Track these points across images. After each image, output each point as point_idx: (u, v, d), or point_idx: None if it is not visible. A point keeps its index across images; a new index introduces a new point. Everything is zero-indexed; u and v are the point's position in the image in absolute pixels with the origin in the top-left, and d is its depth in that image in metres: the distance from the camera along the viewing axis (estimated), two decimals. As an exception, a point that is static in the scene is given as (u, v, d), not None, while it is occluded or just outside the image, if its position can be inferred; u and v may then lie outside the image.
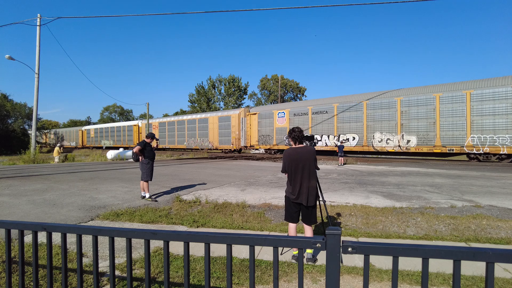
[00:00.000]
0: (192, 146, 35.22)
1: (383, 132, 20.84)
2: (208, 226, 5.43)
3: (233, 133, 30.38)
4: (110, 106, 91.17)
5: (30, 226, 1.88)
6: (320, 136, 23.94)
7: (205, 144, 33.57)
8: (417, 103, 19.35)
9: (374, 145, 21.23)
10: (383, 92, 20.94)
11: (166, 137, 39.04)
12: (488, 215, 5.71)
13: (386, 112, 20.64)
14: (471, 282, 3.19)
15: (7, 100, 41.25)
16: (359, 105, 21.97)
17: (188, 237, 1.57)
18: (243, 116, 29.94)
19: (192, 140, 35.41)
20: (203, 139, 34.01)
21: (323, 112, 24.01)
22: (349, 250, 1.29)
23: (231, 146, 30.56)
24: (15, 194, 7.95)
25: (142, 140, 7.65)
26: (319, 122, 24.23)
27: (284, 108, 26.92)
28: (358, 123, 22.06)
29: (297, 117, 25.69)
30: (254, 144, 28.93)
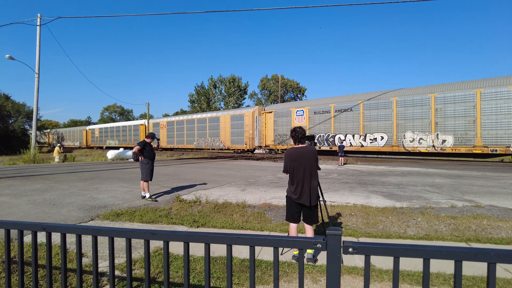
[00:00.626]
0: (202, 146, 33.90)
1: (415, 131, 19.42)
2: (208, 226, 5.42)
3: (246, 132, 28.95)
4: (111, 106, 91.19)
5: (30, 226, 1.88)
6: (344, 136, 22.45)
7: (216, 144, 32.18)
8: (454, 100, 17.97)
9: (405, 145, 19.81)
10: (415, 88, 19.73)
11: (175, 137, 37.71)
12: (489, 215, 5.70)
13: (419, 110, 19.21)
14: (471, 283, 3.18)
15: (8, 100, 41.25)
16: (387, 103, 20.56)
17: (188, 237, 1.56)
18: (258, 114, 28.52)
19: (202, 140, 34.09)
20: (214, 138, 32.63)
21: (347, 110, 22.47)
22: (349, 250, 1.29)
23: (244, 146, 29.25)
24: (15, 194, 7.95)
25: (142, 140, 7.66)
26: (343, 121, 22.73)
27: (303, 106, 25.34)
28: (387, 121, 20.58)
29: (318, 115, 24.20)
30: (269, 144, 27.55)
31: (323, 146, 23.60)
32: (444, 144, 18.47)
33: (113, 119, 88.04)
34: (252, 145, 28.55)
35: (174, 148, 37.84)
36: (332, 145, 23.18)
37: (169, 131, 38.51)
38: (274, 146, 27.13)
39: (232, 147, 30.61)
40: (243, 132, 29.44)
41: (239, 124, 29.95)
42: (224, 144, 31.30)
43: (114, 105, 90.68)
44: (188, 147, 36.01)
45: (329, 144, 23.31)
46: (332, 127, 23.30)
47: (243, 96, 55.83)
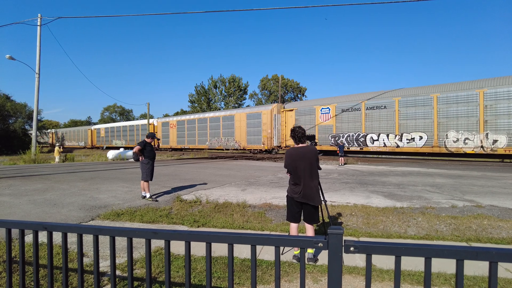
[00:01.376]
0: (216, 146, 32.11)
1: (459, 131, 17.76)
2: (209, 226, 5.42)
3: (264, 131, 27.20)
4: (111, 106, 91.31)
5: (31, 226, 1.88)
6: (377, 135, 20.70)
7: (231, 144, 30.46)
8: (509, 96, 16.18)
9: (448, 146, 18.15)
10: (460, 84, 18.14)
11: (186, 137, 35.94)
12: (489, 215, 5.70)
13: (464, 107, 17.56)
14: (472, 282, 3.18)
15: (8, 100, 41.26)
16: (427, 99, 18.81)
17: (190, 237, 1.56)
18: (276, 112, 26.75)
19: (215, 139, 32.25)
20: (228, 138, 30.83)
21: (381, 107, 20.58)
22: (351, 249, 1.29)
23: (261, 146, 27.55)
24: (15, 194, 7.95)
25: (142, 140, 7.67)
26: (376, 119, 20.79)
27: (329, 103, 23.40)
28: (426, 120, 18.86)
29: (346, 113, 22.35)
30: (290, 144, 24.98)
31: (352, 146, 22.03)
32: (495, 145, 16.77)
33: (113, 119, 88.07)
34: (271, 145, 26.84)
35: (185, 148, 36.33)
36: (363, 146, 21.45)
37: (180, 131, 36.84)
38: None
39: (248, 147, 28.87)
40: (260, 131, 27.63)
41: (256, 123, 28.12)
42: (240, 144, 29.52)
43: (114, 105, 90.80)
44: (200, 147, 34.39)
45: (359, 144, 21.65)
46: (363, 126, 21.41)
47: (243, 96, 55.86)
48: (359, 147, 21.76)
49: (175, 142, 37.34)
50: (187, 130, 35.91)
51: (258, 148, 28.04)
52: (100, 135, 51.38)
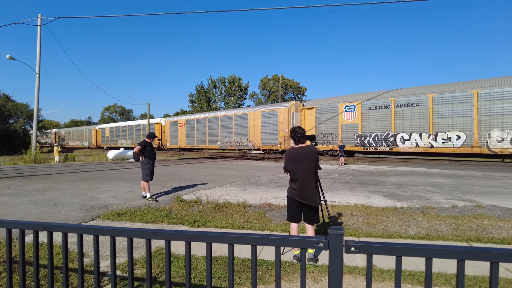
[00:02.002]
0: (228, 146, 30.74)
1: (504, 130, 16.31)
2: (209, 226, 5.42)
3: (280, 131, 25.64)
4: (111, 106, 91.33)
5: (31, 226, 1.88)
6: (409, 135, 19.32)
7: (244, 143, 29.01)
8: None
9: (490, 146, 16.77)
10: (504, 78, 16.77)
11: (195, 136, 34.40)
12: (490, 215, 5.69)
13: (511, 103, 16.15)
14: (473, 282, 3.18)
15: (9, 101, 41.28)
16: (466, 96, 17.50)
17: (190, 237, 1.56)
18: (294, 111, 25.13)
19: (227, 139, 30.80)
20: (241, 138, 29.30)
21: (412, 105, 19.17)
22: (352, 249, 1.28)
23: (277, 147, 26.13)
24: (16, 194, 7.96)
25: (142, 140, 7.66)
26: (407, 117, 19.35)
27: (354, 101, 21.86)
28: (465, 118, 17.54)
29: (374, 111, 20.85)
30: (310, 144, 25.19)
31: (380, 146, 20.57)
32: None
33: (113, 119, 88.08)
34: (288, 145, 25.33)
35: (195, 148, 35.01)
36: (392, 146, 20.00)
37: (189, 130, 35.28)
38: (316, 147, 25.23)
39: (263, 147, 27.43)
40: (276, 130, 26.08)
41: (271, 122, 26.62)
42: (254, 144, 28.02)
43: (115, 105, 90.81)
44: (211, 148, 33.08)
45: (388, 144, 20.20)
46: (393, 125, 19.91)
47: (244, 96, 55.89)
48: (388, 148, 20.30)
49: (184, 142, 35.98)
50: (197, 130, 34.45)
51: (274, 148, 26.45)
52: (105, 135, 50.14)
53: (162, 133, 39.12)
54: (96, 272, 1.79)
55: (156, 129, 39.47)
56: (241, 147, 29.42)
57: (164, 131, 38.98)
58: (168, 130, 38.12)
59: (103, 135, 50.46)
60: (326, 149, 23.71)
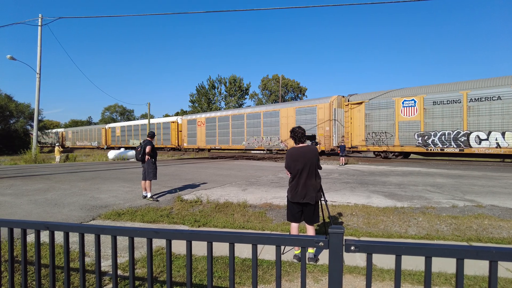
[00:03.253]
0: (255, 146, 27.70)
1: None
2: (210, 226, 5.43)
3: (320, 129, 22.88)
4: (111, 106, 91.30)
5: (33, 225, 1.89)
6: (486, 133, 16.36)
7: (275, 144, 26.16)
8: None
9: None
10: None
11: (217, 136, 31.40)
12: (490, 215, 5.69)
13: None
14: (473, 282, 3.19)
15: (10, 101, 41.33)
16: None
17: (191, 236, 1.57)
18: (337, 106, 22.44)
19: (254, 139, 27.82)
20: (271, 137, 26.50)
21: (492, 99, 16.15)
22: (352, 249, 1.29)
23: (323, 146, 23.24)
24: (16, 193, 7.97)
25: (148, 140, 7.56)
26: (484, 113, 16.43)
27: (414, 94, 18.90)
28: None
29: (439, 106, 17.88)
30: (358, 144, 21.04)
31: (448, 147, 17.75)
32: None
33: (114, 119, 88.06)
34: (329, 145, 22.50)
35: (216, 148, 32.28)
36: (464, 146, 17.14)
37: (210, 129, 32.26)
38: (365, 147, 20.67)
39: None
40: (315, 129, 23.33)
41: (308, 119, 23.73)
42: (286, 144, 25.28)
43: (115, 105, 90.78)
44: (235, 148, 30.13)
45: (458, 145, 17.33)
46: (465, 122, 17.08)
47: (244, 96, 56.00)
48: (457, 148, 17.46)
49: (203, 142, 33.14)
50: (219, 128, 31.33)
51: None
52: (115, 135, 47.26)
53: (179, 132, 36.47)
54: (97, 271, 1.80)
55: (172, 128, 36.96)
56: (271, 147, 26.62)
57: (181, 130, 36.35)
58: (186, 129, 35.42)
59: (114, 135, 47.98)
60: (378, 150, 20.66)
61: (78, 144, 55.52)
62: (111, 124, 50.90)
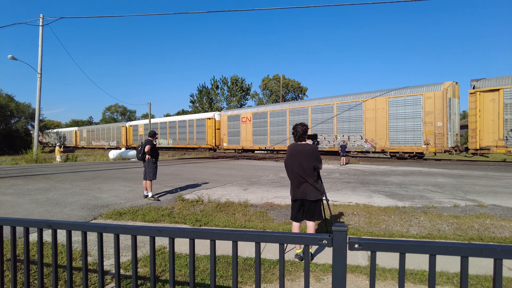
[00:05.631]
0: (324, 147, 22.81)
1: None
2: (211, 225, 5.43)
3: (427, 125, 18.04)
4: (112, 106, 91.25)
5: (36, 224, 1.89)
6: None
7: (356, 143, 21.26)
8: None
9: None
10: None
11: (268, 134, 26.56)
12: (492, 214, 5.68)
13: None
14: (475, 281, 3.18)
15: (11, 100, 41.42)
16: None
17: (194, 234, 1.57)
18: (452, 95, 17.77)
19: (322, 138, 22.69)
20: (349, 136, 21.52)
21: None
22: (355, 246, 1.29)
23: (422, 148, 18.30)
24: (18, 193, 7.98)
25: (149, 140, 7.57)
26: None
27: None
28: None
29: None
30: (491, 145, 16.12)
31: None
32: None
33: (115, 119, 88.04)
34: (442, 145, 17.71)
35: (267, 149, 27.91)
36: None
37: (258, 126, 27.85)
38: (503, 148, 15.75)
39: (392, 148, 19.69)
40: (419, 125, 18.40)
41: (409, 113, 18.85)
42: (374, 144, 20.42)
43: (116, 105, 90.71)
44: None
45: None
46: None
47: (246, 96, 56.03)
48: None
49: (250, 142, 28.61)
50: (271, 126, 26.53)
51: (415, 150, 18.76)
52: (137, 133, 42.24)
53: (216, 130, 32.20)
54: (100, 269, 1.80)
55: (208, 126, 32.67)
56: (349, 148, 21.40)
57: (219, 127, 32.12)
58: (226, 127, 31.16)
59: (136, 134, 42.74)
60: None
61: (94, 144, 51.49)
62: (133, 122, 46.09)
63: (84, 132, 55.42)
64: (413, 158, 18.97)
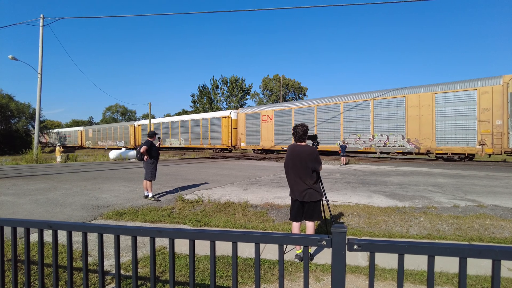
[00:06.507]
0: (359, 147, 21.08)
1: None
2: (211, 226, 5.43)
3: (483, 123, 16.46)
4: (113, 106, 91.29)
5: (36, 224, 1.89)
6: None
7: (396, 143, 19.38)
8: None
9: None
10: None
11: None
12: (492, 214, 5.68)
13: None
14: (474, 282, 3.18)
15: (12, 101, 41.44)
16: None
17: (194, 235, 1.58)
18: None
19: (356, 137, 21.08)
20: (388, 135, 19.85)
21: None
22: (355, 247, 1.29)
23: (476, 149, 16.71)
24: (18, 193, 7.99)
25: (147, 140, 7.63)
26: None
27: None
28: None
29: None
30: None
31: None
32: None
33: (115, 119, 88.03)
34: (502, 145, 15.88)
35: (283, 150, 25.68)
36: None
37: (280, 125, 26.15)
38: None
39: (439, 149, 17.82)
40: (473, 123, 16.61)
41: (460, 110, 17.01)
42: (417, 144, 18.65)
43: (116, 105, 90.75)
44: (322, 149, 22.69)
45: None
46: None
47: (246, 96, 56.06)
48: None
49: (271, 141, 26.97)
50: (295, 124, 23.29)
51: (467, 151, 16.97)
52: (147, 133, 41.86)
53: (233, 129, 30.41)
54: (100, 270, 1.80)
55: (224, 125, 30.92)
56: (388, 148, 19.61)
57: (235, 126, 30.39)
58: (244, 126, 29.42)
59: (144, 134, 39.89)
60: None
61: (101, 144, 50.31)
62: (141, 121, 44.77)
63: (90, 132, 54.26)
64: (463, 160, 17.59)
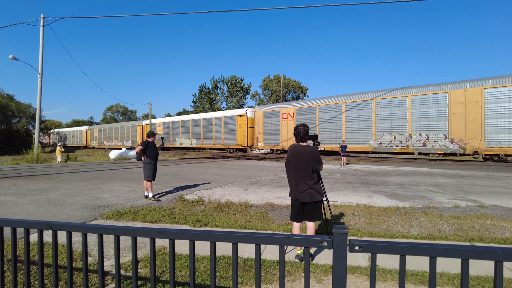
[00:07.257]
0: (394, 147, 19.48)
1: None
2: (211, 226, 5.43)
3: None
4: (113, 106, 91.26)
5: (36, 225, 1.89)
6: None
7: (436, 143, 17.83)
8: None
9: None
10: None
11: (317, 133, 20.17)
12: (492, 215, 5.67)
13: None
14: (476, 282, 3.17)
15: (12, 101, 41.48)
16: None
17: (194, 236, 1.57)
18: None
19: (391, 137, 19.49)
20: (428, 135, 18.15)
21: None
22: (356, 248, 1.29)
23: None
24: (18, 193, 7.99)
25: (144, 140, 7.67)
26: None
27: None
28: None
29: None
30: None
31: None
32: None
33: (115, 119, 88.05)
34: None
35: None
36: None
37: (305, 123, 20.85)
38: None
39: (490, 150, 16.26)
40: None
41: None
42: (464, 145, 16.99)
43: (117, 105, 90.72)
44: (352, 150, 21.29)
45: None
46: None
47: (246, 96, 56.11)
48: None
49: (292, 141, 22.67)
50: (320, 122, 22.79)
51: None
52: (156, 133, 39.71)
53: (248, 128, 28.96)
54: (100, 270, 1.80)
55: (239, 124, 29.31)
56: (428, 149, 17.99)
57: (251, 126, 28.86)
58: (261, 124, 27.72)
59: None
60: None
61: (106, 144, 49.27)
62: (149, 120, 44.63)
63: (96, 132, 53.03)
64: None
